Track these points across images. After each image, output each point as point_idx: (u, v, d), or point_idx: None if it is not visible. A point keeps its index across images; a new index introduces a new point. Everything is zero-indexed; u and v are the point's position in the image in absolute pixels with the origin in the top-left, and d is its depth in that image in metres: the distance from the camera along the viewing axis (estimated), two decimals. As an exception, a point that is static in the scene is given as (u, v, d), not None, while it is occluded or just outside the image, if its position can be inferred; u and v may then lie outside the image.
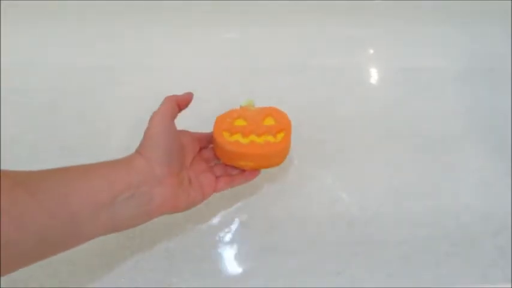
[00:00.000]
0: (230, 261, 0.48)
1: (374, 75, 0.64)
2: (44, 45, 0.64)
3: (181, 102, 0.44)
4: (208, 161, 0.47)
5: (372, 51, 0.67)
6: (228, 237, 0.49)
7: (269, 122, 0.50)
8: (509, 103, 0.60)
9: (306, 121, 0.57)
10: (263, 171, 0.50)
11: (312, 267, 0.47)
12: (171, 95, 0.44)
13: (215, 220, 0.50)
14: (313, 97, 0.60)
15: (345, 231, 0.49)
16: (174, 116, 0.43)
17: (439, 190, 0.53)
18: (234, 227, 0.50)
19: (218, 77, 0.62)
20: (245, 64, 0.63)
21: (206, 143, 0.48)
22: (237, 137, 0.48)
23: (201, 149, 0.47)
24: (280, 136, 0.48)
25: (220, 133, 0.48)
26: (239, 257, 0.48)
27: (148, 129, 0.41)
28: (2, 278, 0.36)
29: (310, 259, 0.48)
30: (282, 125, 0.49)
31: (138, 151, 0.40)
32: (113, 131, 0.56)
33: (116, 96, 0.60)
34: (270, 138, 0.48)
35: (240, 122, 0.49)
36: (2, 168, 0.51)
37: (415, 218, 0.51)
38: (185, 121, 0.58)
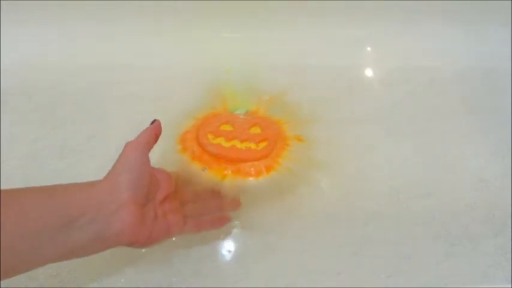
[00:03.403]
0: (230, 261, 0.48)
1: (374, 75, 0.64)
2: (44, 45, 0.64)
3: (158, 132, 0.44)
4: (182, 201, 0.46)
5: (372, 51, 0.67)
6: (228, 237, 0.49)
7: (255, 130, 0.51)
8: (509, 103, 0.60)
9: (306, 121, 0.57)
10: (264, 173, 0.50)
11: (312, 267, 0.47)
12: (151, 126, 0.44)
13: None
14: (313, 97, 0.60)
15: (345, 231, 0.49)
16: (149, 148, 0.42)
17: (439, 190, 0.53)
18: (234, 227, 0.50)
19: (218, 77, 0.62)
20: (245, 64, 0.63)
21: (182, 182, 0.47)
22: (220, 140, 0.49)
23: (177, 188, 0.46)
24: (262, 145, 0.50)
25: (205, 134, 0.49)
26: (239, 257, 0.48)
27: (120, 155, 0.40)
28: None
29: (310, 259, 0.48)
30: (267, 135, 0.50)
31: (106, 176, 0.39)
32: (112, 131, 0.56)
33: (116, 96, 0.60)
34: (252, 146, 0.49)
35: (226, 127, 0.51)
36: (3, 168, 0.52)
37: (415, 217, 0.51)
38: (185, 120, 0.58)
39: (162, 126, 0.44)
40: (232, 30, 0.66)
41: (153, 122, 0.44)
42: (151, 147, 0.43)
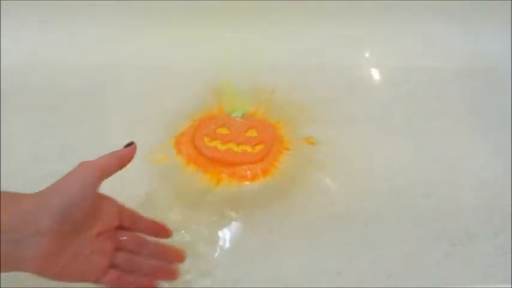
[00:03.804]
0: (230, 261, 0.48)
1: (374, 75, 0.64)
2: (44, 45, 0.64)
3: (128, 157, 0.39)
4: (119, 245, 0.39)
5: (371, 51, 0.67)
6: (228, 237, 0.49)
7: (251, 133, 0.51)
8: (509, 103, 0.60)
9: (306, 121, 0.57)
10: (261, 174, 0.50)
11: (312, 267, 0.47)
12: (121, 149, 0.39)
13: (215, 220, 0.50)
14: (313, 97, 0.60)
15: (345, 231, 0.49)
16: (106, 174, 0.37)
17: (439, 190, 0.53)
18: (234, 227, 0.50)
19: (217, 77, 0.62)
20: (245, 64, 0.63)
21: (129, 223, 0.40)
22: (216, 143, 0.49)
23: (120, 227, 0.39)
24: (258, 148, 0.50)
25: (201, 137, 0.49)
26: (239, 257, 0.48)
27: (67, 173, 0.35)
28: (2, 277, 0.36)
29: (310, 259, 0.48)
30: (263, 138, 0.51)
31: (38, 192, 0.34)
32: (112, 131, 0.56)
33: (116, 96, 0.60)
34: (248, 149, 0.49)
35: (222, 130, 0.51)
36: (3, 168, 0.52)
37: (415, 218, 0.51)
38: (183, 121, 0.58)
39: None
40: (232, 30, 0.66)
41: (129, 145, 0.39)
42: (111, 173, 0.37)
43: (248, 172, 0.50)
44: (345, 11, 0.66)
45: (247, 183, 0.51)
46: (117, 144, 0.41)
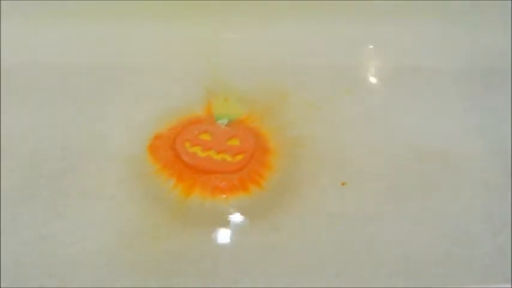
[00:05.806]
0: (230, 261, 0.48)
1: (374, 75, 0.64)
2: (44, 45, 0.64)
3: None
4: None
5: (372, 50, 0.67)
6: (228, 237, 0.49)
7: (233, 142, 0.51)
8: (509, 103, 0.60)
9: (305, 121, 0.57)
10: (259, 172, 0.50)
11: (312, 267, 0.47)
12: None
13: (215, 220, 0.50)
14: (313, 97, 0.60)
15: (345, 231, 0.49)
16: None
17: (439, 190, 0.53)
18: (234, 227, 0.50)
19: (218, 77, 0.62)
20: (245, 64, 0.63)
21: None
22: (196, 150, 0.49)
23: None
24: (238, 158, 0.49)
25: (183, 142, 0.49)
26: (239, 257, 0.48)
27: None
28: (2, 277, 0.36)
29: (310, 259, 0.48)
30: (244, 148, 0.50)
31: None
32: (112, 131, 0.56)
33: (116, 97, 0.60)
34: (227, 158, 0.49)
35: (204, 136, 0.50)
36: (2, 168, 0.52)
37: (415, 217, 0.51)
38: (170, 124, 0.57)
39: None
40: (232, 30, 0.66)
41: None
42: None
43: (224, 183, 0.49)
44: (345, 11, 0.66)
45: (224, 195, 0.50)
46: (117, 144, 0.41)
